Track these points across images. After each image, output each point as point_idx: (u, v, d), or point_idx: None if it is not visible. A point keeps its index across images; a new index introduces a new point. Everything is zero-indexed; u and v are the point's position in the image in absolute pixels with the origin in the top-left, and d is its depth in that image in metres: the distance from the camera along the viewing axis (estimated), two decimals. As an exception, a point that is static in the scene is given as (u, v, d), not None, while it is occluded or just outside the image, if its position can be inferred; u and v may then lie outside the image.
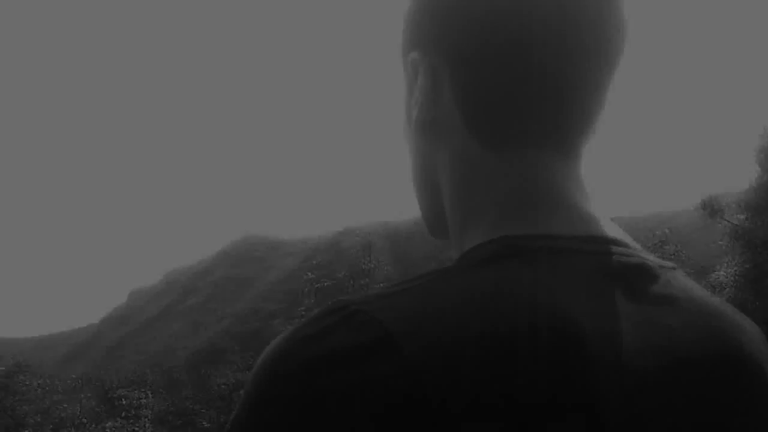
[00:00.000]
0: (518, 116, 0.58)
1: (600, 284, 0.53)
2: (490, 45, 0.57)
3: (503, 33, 0.57)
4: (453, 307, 0.47)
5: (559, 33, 0.57)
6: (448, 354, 0.44)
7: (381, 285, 0.66)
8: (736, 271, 18.64)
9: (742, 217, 18.42)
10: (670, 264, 0.60)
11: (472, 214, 0.60)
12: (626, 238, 0.59)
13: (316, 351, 0.44)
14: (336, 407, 0.42)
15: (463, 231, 0.61)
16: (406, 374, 0.43)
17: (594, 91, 0.59)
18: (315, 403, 0.43)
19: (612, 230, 0.58)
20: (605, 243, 0.56)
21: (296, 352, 0.45)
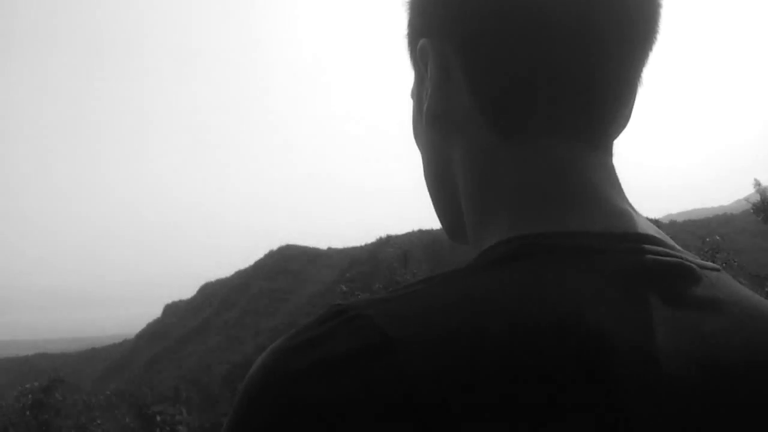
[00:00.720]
0: (540, 103, 0.54)
1: (632, 286, 0.48)
2: (506, 24, 0.53)
3: (521, 11, 0.53)
4: (457, 310, 0.44)
5: (585, 9, 0.53)
6: (449, 360, 0.42)
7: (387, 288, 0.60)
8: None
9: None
10: (712, 265, 0.55)
11: (491, 211, 0.56)
12: (662, 236, 0.54)
13: (312, 357, 0.43)
14: (334, 414, 0.41)
15: (481, 231, 0.57)
16: (404, 379, 0.41)
17: (625, 75, 0.56)
18: (311, 410, 0.41)
19: (646, 227, 0.54)
20: (639, 241, 0.51)
21: (292, 358, 0.43)
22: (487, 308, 0.44)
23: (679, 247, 0.54)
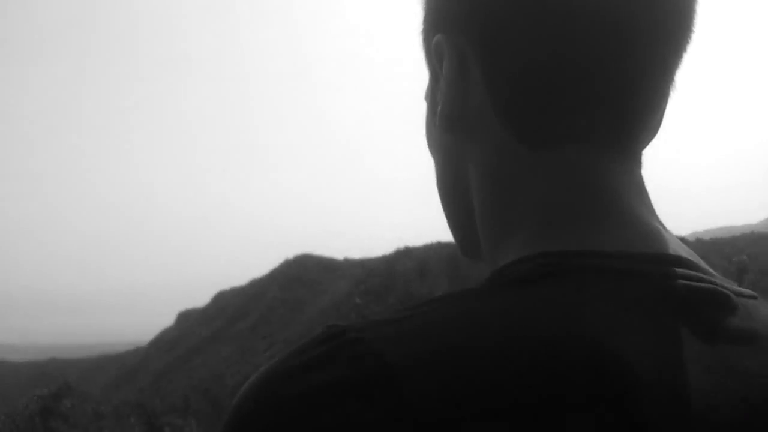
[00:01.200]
0: (563, 107, 0.50)
1: (661, 315, 0.44)
2: (529, 18, 0.49)
3: (544, 7, 0.49)
4: (465, 337, 0.41)
5: (613, 9, 0.49)
6: (453, 392, 0.38)
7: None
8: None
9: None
10: (749, 292, 0.50)
11: (508, 225, 0.52)
12: (695, 258, 0.50)
13: (305, 383, 0.39)
14: None
15: (497, 246, 0.53)
16: (404, 418, 0.37)
17: (657, 78, 0.51)
18: None
19: (678, 248, 0.50)
20: (669, 263, 0.47)
21: (284, 383, 0.40)
22: (500, 335, 0.41)
23: (713, 271, 0.50)
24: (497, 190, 0.53)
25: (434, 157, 0.60)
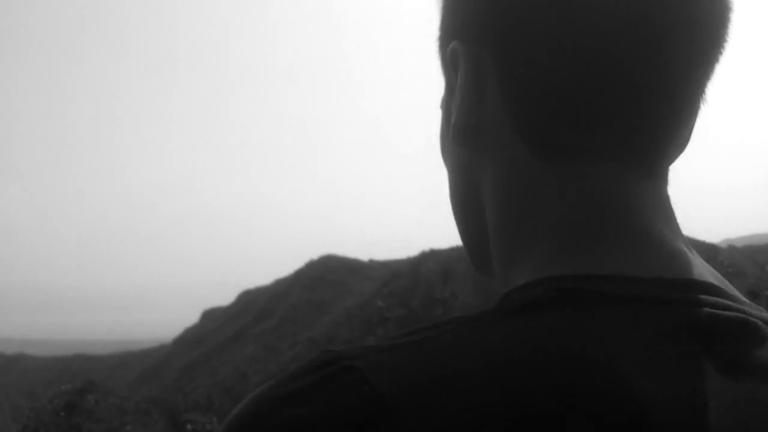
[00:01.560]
0: (583, 119, 0.47)
1: (682, 346, 0.41)
2: (547, 25, 0.46)
3: (565, 10, 0.45)
4: (467, 368, 0.38)
5: (644, 6, 0.45)
6: (451, 427, 0.35)
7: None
8: None
9: None
10: None
11: (521, 243, 0.49)
12: (723, 284, 0.46)
13: (294, 413, 0.37)
14: None
15: (509, 267, 0.50)
16: None
17: (687, 89, 0.47)
18: None
19: (704, 272, 0.46)
20: (694, 290, 0.43)
21: (273, 411, 0.38)
22: (500, 364, 0.38)
23: (742, 297, 0.46)
24: (510, 206, 0.50)
25: (447, 169, 0.56)
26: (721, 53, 0.48)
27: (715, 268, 0.48)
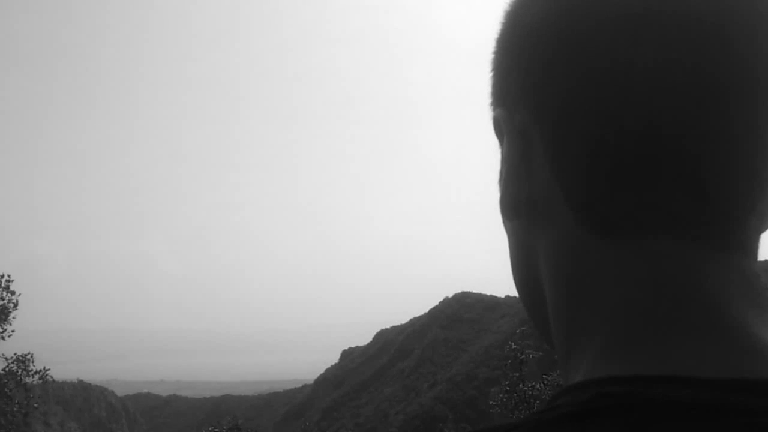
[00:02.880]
0: (645, 190, 0.41)
1: None
2: (599, 85, 0.41)
3: (619, 75, 0.41)
4: None
5: (700, 74, 0.40)
6: None
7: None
8: None
9: None
10: None
11: (579, 330, 0.44)
12: None
13: None
14: None
15: (568, 355, 0.44)
16: None
17: (759, 149, 0.41)
18: None
19: None
20: None
21: None
22: None
23: None
24: (568, 288, 0.45)
25: (508, 241, 0.51)
26: None
27: None
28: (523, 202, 0.46)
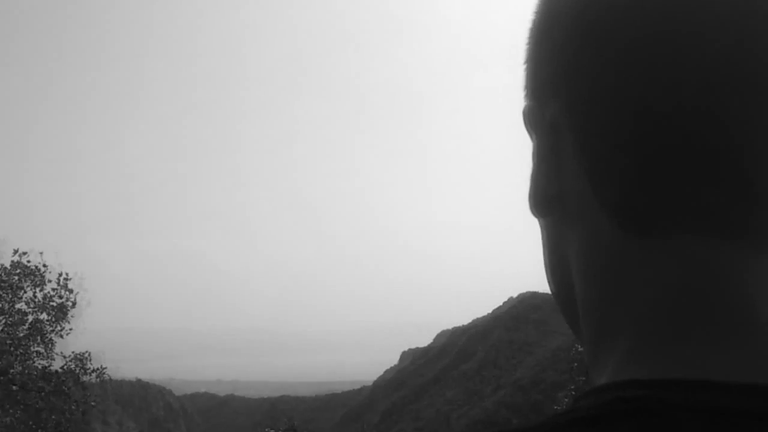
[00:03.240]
0: (676, 186, 0.40)
1: None
2: (631, 75, 0.40)
3: (654, 66, 0.39)
4: None
5: (737, 65, 0.39)
6: None
7: None
8: None
9: None
10: None
11: (607, 330, 0.43)
12: None
13: None
14: None
15: (593, 354, 0.44)
16: None
17: None
18: None
19: None
20: None
21: None
22: None
23: None
24: (597, 288, 0.44)
25: (540, 235, 0.50)
26: None
27: None
28: (553, 198, 0.45)
